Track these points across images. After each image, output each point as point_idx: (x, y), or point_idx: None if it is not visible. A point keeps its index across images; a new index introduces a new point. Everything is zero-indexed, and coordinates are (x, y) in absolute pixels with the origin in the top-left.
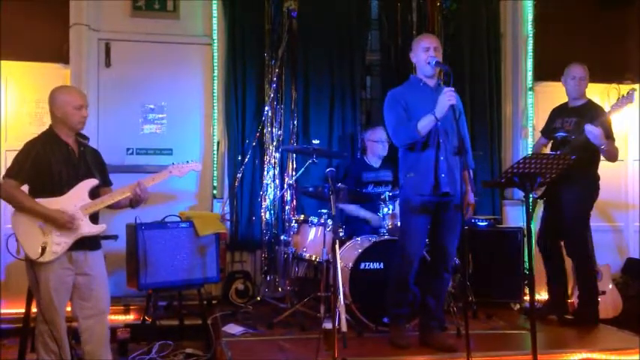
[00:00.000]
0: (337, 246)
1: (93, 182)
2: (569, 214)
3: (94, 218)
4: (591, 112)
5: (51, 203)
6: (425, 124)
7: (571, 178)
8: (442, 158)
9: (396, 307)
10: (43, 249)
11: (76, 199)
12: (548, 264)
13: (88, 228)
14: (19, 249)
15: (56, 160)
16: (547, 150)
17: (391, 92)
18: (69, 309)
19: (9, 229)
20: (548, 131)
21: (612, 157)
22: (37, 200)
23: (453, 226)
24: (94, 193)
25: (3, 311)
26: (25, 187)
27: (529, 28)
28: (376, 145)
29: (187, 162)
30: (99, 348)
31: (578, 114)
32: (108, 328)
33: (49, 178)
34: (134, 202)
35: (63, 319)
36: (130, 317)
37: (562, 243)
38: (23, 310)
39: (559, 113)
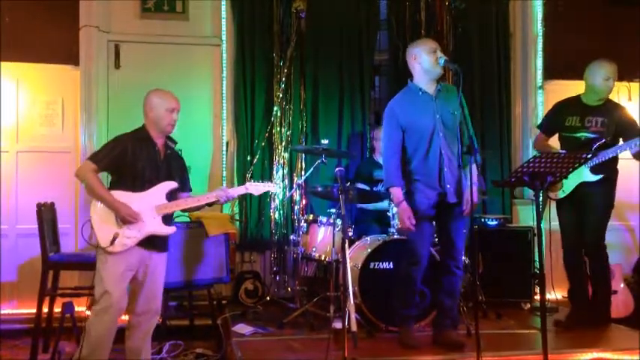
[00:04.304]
0: (346, 246)
1: (172, 185)
2: (597, 215)
3: (167, 219)
4: (617, 112)
5: (128, 197)
6: (393, 193)
7: (601, 179)
8: (446, 169)
9: (405, 308)
10: (114, 238)
11: (153, 198)
12: (573, 277)
13: (158, 227)
14: (91, 236)
15: (142, 158)
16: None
17: (390, 106)
18: None
19: (23, 229)
20: (552, 127)
21: None
22: (117, 191)
23: (461, 225)
24: (171, 196)
25: (15, 312)
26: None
27: (538, 26)
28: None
29: (262, 182)
30: (142, 344)
31: (602, 113)
32: (153, 328)
33: (131, 172)
34: (211, 203)
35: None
36: None
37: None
38: (34, 311)
39: (573, 110)
